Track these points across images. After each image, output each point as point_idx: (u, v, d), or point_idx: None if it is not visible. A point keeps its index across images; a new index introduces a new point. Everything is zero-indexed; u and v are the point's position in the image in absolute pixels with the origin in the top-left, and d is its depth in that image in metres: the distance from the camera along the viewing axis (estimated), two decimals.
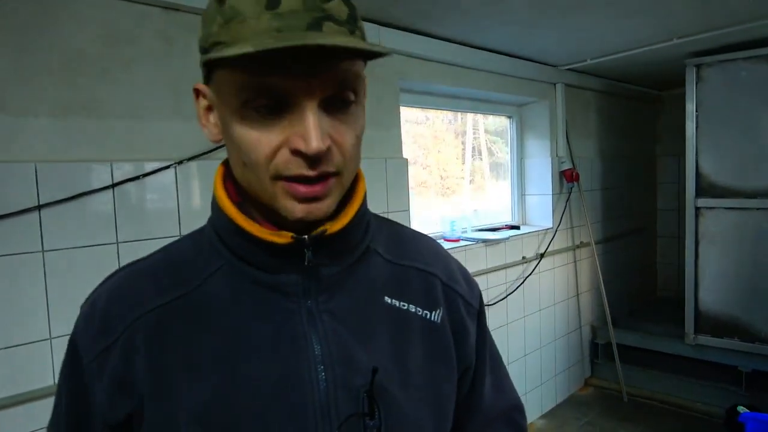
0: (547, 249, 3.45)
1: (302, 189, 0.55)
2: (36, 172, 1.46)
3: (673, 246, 4.76)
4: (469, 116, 3.56)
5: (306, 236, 0.59)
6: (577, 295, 3.84)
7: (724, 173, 3.18)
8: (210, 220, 0.67)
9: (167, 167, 1.71)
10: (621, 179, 4.31)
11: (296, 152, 0.54)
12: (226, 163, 0.66)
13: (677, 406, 3.52)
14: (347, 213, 0.63)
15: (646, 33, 2.74)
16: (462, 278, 0.76)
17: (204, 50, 0.57)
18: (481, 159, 3.72)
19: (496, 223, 3.51)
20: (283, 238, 0.59)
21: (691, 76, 3.20)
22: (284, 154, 0.54)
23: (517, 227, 3.49)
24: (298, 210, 0.56)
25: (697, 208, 3.27)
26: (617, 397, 3.71)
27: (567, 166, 3.56)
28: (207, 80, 0.60)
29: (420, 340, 0.67)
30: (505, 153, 3.73)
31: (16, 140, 1.44)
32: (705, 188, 3.24)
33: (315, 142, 0.52)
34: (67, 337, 0.65)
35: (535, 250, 3.41)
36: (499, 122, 3.72)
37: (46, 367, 1.49)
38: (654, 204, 4.87)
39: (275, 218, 0.61)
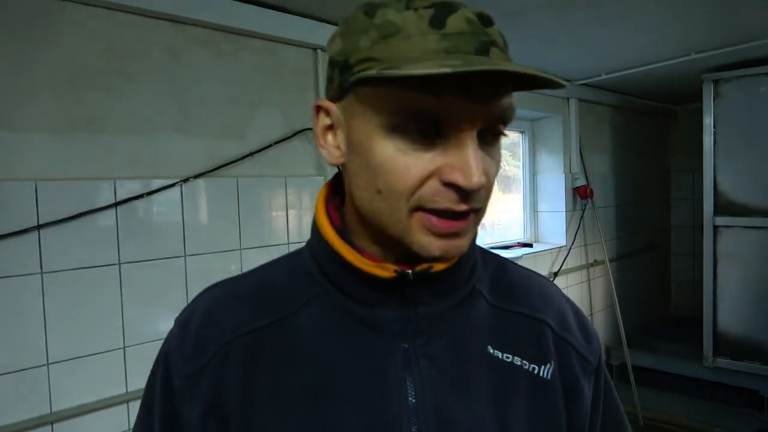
0: (560, 268, 3.36)
1: (445, 224, 0.50)
2: (36, 190, 1.40)
3: (688, 264, 4.66)
4: None
5: (410, 271, 0.55)
6: (591, 314, 3.74)
7: (743, 191, 3.09)
8: (309, 244, 0.63)
9: (172, 185, 1.66)
10: (635, 195, 4.23)
11: (450, 185, 0.49)
12: (330, 186, 0.63)
13: (695, 430, 3.40)
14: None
15: (663, 48, 2.69)
16: (577, 327, 0.67)
17: (344, 65, 0.52)
18: None
19: (508, 241, 3.44)
20: (386, 271, 0.55)
21: (708, 92, 3.13)
22: (433, 185, 0.49)
23: (530, 245, 3.41)
24: (436, 247, 0.51)
25: (716, 227, 3.18)
26: (633, 420, 3.59)
27: (581, 182, 3.49)
28: (337, 97, 0.54)
29: (526, 399, 0.59)
30: (513, 166, 3.66)
31: (17, 158, 1.39)
32: (723, 206, 3.16)
33: (477, 177, 0.48)
34: (66, 363, 0.61)
35: (548, 268, 3.33)
36: (508, 135, 3.65)
37: (43, 396, 1.42)
38: (668, 221, 4.77)
39: (382, 250, 0.57)
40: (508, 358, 0.60)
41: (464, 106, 0.47)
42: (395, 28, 0.48)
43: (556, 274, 3.33)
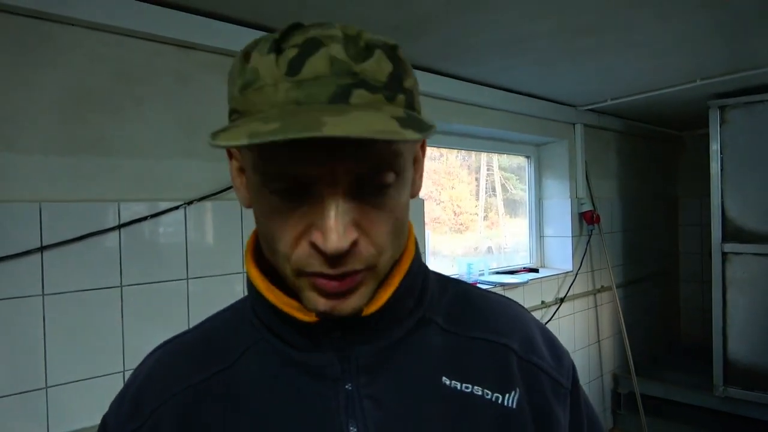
0: (567, 293, 3.33)
1: (328, 285, 0.47)
2: (40, 212, 1.41)
3: (697, 290, 4.60)
4: (484, 153, 3.51)
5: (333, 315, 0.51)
6: (598, 341, 3.69)
7: (751, 217, 3.06)
8: (248, 290, 0.60)
9: (176, 207, 1.66)
10: (642, 221, 4.20)
11: (315, 247, 0.46)
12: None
13: None
14: (383, 294, 0.53)
15: (668, 74, 2.69)
16: (546, 349, 0.62)
17: (228, 113, 0.50)
18: (495, 196, 3.66)
19: (513, 266, 3.41)
20: (308, 315, 0.52)
21: (714, 118, 3.13)
22: (304, 248, 0.47)
23: (535, 270, 3.39)
24: (321, 304, 0.49)
25: (724, 253, 3.15)
26: None
27: (587, 207, 3.47)
28: None
29: (488, 431, 0.54)
30: (519, 190, 3.66)
31: (22, 179, 1.39)
32: (731, 232, 3.13)
33: (333, 242, 0.44)
34: (65, 386, 0.61)
35: (554, 294, 3.29)
36: (514, 159, 3.66)
37: (41, 419, 1.41)
38: (676, 247, 4.73)
39: None
40: (467, 388, 0.55)
41: (313, 166, 0.44)
42: (254, 76, 0.45)
43: (562, 300, 3.29)
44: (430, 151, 3.13)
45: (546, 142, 3.48)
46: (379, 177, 0.46)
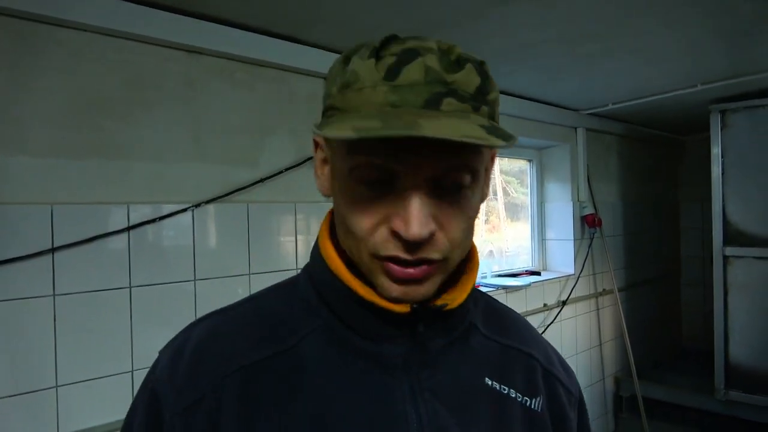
0: (569, 296, 3.34)
1: (399, 271, 0.51)
2: (52, 214, 1.43)
3: (698, 294, 4.61)
4: None
5: (423, 307, 0.56)
6: (600, 344, 3.70)
7: (752, 221, 3.08)
8: (308, 273, 0.63)
9: (184, 210, 1.68)
10: (643, 224, 4.21)
11: (395, 234, 0.50)
12: (333, 213, 0.63)
13: None
14: (464, 288, 0.59)
15: (670, 79, 2.71)
16: (559, 363, 0.70)
17: (323, 109, 0.55)
18: (496, 199, 3.68)
19: (515, 269, 3.43)
20: (402, 306, 0.55)
21: (715, 122, 3.14)
22: (383, 233, 0.51)
23: (537, 273, 3.40)
24: (394, 290, 0.53)
25: (725, 257, 3.16)
26: None
27: (589, 210, 3.50)
28: None
29: (522, 430, 0.61)
30: (520, 193, 3.68)
31: (34, 182, 1.42)
32: (733, 236, 3.14)
33: (415, 228, 0.48)
34: (74, 385, 0.61)
35: (556, 297, 3.31)
36: (515, 163, 3.68)
37: (51, 418, 1.43)
38: (677, 250, 4.74)
39: None
40: (504, 390, 0.61)
41: (402, 160, 0.48)
42: (354, 78, 0.50)
43: (564, 303, 3.30)
44: None
45: (548, 145, 3.50)
46: (458, 177, 0.51)
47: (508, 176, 3.75)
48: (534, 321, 3.11)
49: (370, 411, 0.55)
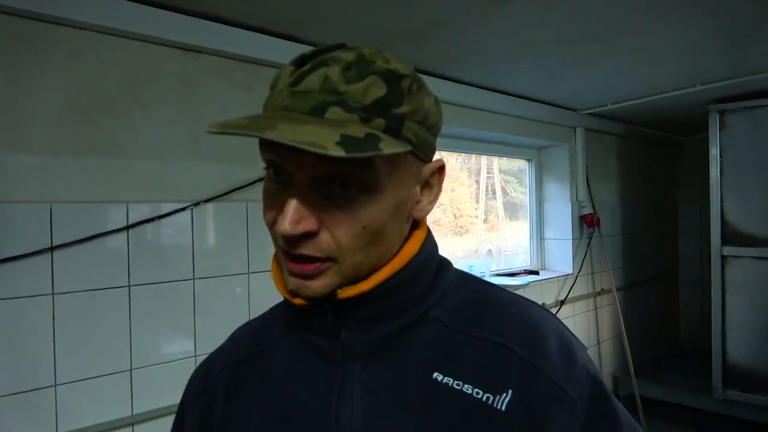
0: (567, 296, 3.35)
1: (291, 265, 0.55)
2: (51, 213, 1.43)
3: (696, 294, 4.62)
4: (484, 156, 3.53)
5: (322, 299, 0.57)
6: (598, 343, 3.71)
7: (751, 221, 3.09)
8: None
9: (183, 209, 1.68)
10: (642, 224, 4.22)
11: None
12: None
13: None
14: (372, 279, 0.57)
15: (669, 79, 2.72)
16: (558, 354, 0.57)
17: None
18: (495, 198, 3.68)
19: (514, 268, 3.43)
20: (298, 300, 0.57)
21: (714, 122, 3.15)
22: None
23: (536, 272, 3.41)
24: (290, 282, 0.56)
25: (723, 257, 3.17)
26: None
27: (587, 210, 3.50)
28: None
29: (468, 428, 0.54)
30: (519, 193, 3.68)
31: (33, 180, 1.42)
32: (731, 236, 3.15)
33: (284, 224, 0.51)
34: (73, 384, 0.70)
35: (555, 296, 3.31)
36: (514, 162, 3.69)
37: (49, 416, 1.43)
38: (676, 250, 4.75)
39: None
40: (457, 385, 0.55)
41: (291, 159, 0.52)
42: (275, 81, 0.54)
43: (562, 302, 3.31)
44: None
45: (547, 145, 3.51)
46: (346, 184, 0.52)
47: (507, 176, 3.76)
48: None
49: (313, 401, 0.59)
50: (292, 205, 0.51)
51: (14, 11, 1.37)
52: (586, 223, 3.50)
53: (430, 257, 0.63)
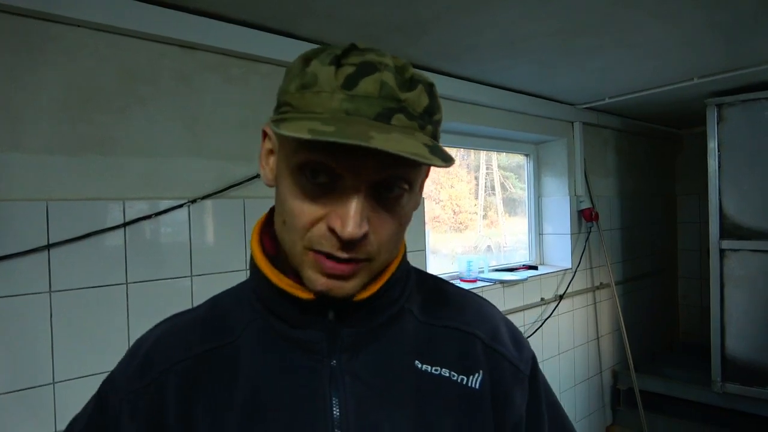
0: (566, 290, 3.35)
1: (329, 264, 0.54)
2: (47, 210, 1.43)
3: (696, 287, 4.63)
4: (483, 152, 3.53)
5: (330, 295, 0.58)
6: (598, 338, 3.71)
7: (749, 214, 3.08)
8: (250, 271, 0.67)
9: (180, 206, 1.68)
10: (640, 218, 4.22)
11: (332, 231, 0.53)
12: (271, 212, 0.66)
13: None
14: (376, 284, 0.61)
15: (667, 73, 2.71)
16: (510, 339, 0.70)
17: (278, 103, 0.58)
18: (494, 194, 3.68)
19: (513, 263, 3.43)
20: (307, 293, 0.59)
21: (712, 116, 3.14)
22: (321, 229, 0.54)
23: (535, 267, 3.41)
24: (320, 283, 0.56)
25: (722, 250, 3.17)
26: None
27: (586, 205, 3.50)
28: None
29: (453, 410, 0.62)
30: (518, 188, 3.68)
31: (29, 178, 1.41)
32: (729, 229, 3.15)
33: (351, 228, 0.51)
34: (71, 381, 0.67)
35: (553, 291, 3.32)
36: (512, 158, 3.68)
37: (48, 414, 1.43)
38: (675, 244, 4.75)
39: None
40: (436, 371, 0.63)
41: (347, 162, 0.52)
42: (314, 80, 0.53)
43: (561, 297, 3.31)
44: None
45: (545, 140, 3.50)
46: (395, 186, 0.55)
47: (506, 171, 3.75)
48: (531, 315, 3.13)
49: (295, 394, 0.59)
50: (356, 209, 0.52)
51: (8, 9, 1.36)
52: (584, 218, 3.50)
53: (406, 257, 0.69)
